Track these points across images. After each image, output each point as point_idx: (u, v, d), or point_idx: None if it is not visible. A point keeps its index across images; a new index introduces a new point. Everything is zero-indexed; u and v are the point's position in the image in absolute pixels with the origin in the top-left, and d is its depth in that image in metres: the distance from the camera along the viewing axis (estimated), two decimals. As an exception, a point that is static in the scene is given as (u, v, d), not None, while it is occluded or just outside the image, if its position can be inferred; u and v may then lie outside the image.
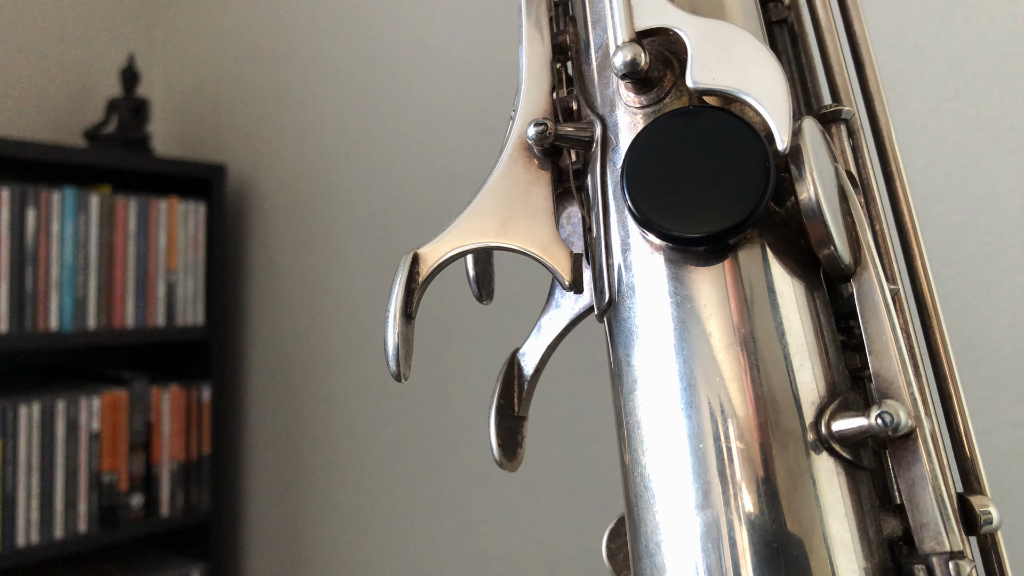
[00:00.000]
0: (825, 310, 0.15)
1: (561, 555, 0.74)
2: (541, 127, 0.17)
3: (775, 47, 0.19)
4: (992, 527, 0.15)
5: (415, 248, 0.17)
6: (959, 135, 0.51)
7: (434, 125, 0.86)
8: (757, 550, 0.13)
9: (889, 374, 0.14)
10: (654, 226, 0.15)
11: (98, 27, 1.26)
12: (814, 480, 0.13)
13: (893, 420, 0.13)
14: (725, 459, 0.14)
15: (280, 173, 1.07)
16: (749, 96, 0.15)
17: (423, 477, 0.86)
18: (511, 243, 0.17)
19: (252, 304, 1.11)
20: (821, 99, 0.19)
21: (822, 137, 0.15)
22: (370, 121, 0.94)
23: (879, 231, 0.17)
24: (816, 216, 0.14)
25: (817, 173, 0.14)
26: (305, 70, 1.04)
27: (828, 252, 0.14)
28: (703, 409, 0.14)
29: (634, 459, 0.15)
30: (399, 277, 0.17)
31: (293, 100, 1.06)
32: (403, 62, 0.91)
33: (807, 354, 0.14)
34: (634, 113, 0.16)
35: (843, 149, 0.18)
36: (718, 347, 0.14)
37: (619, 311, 0.16)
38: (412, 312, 0.17)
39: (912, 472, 0.13)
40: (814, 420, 0.14)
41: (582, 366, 0.67)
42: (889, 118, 0.19)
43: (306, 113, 1.04)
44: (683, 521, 0.14)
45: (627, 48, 0.15)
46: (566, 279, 0.17)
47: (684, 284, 0.15)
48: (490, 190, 0.18)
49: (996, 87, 0.50)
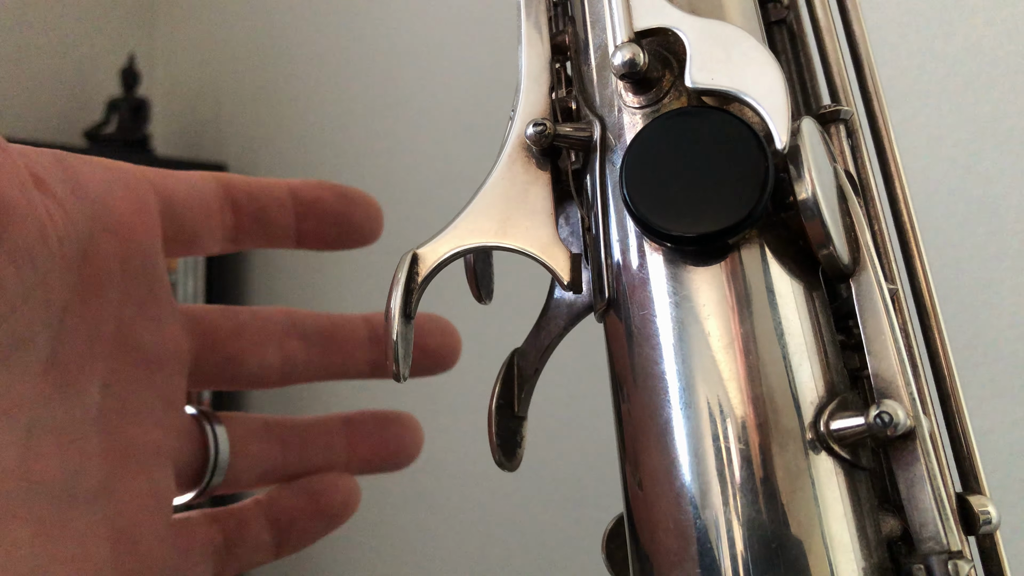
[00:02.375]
0: (824, 310, 0.15)
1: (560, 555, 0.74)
2: (540, 127, 0.17)
3: (774, 47, 0.19)
4: (991, 527, 0.15)
5: (414, 248, 0.18)
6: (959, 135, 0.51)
7: (434, 125, 0.86)
8: (756, 550, 0.13)
9: (888, 374, 0.14)
10: (652, 226, 0.15)
11: (98, 27, 1.27)
12: (813, 480, 0.14)
13: (892, 420, 0.13)
14: (724, 459, 0.14)
15: (280, 173, 1.08)
16: (748, 96, 0.15)
17: (422, 477, 0.86)
18: (510, 243, 0.17)
19: (252, 304, 1.11)
20: (820, 99, 0.19)
21: (821, 137, 0.15)
22: (370, 121, 0.94)
23: (878, 231, 0.17)
24: (815, 216, 0.14)
25: (816, 173, 0.14)
26: (305, 70, 1.04)
27: (827, 252, 0.14)
28: (702, 409, 0.14)
29: (632, 459, 0.15)
30: (398, 277, 0.17)
31: (293, 100, 1.06)
32: (403, 62, 0.91)
33: (806, 354, 0.14)
34: (633, 113, 0.16)
35: (842, 149, 0.18)
36: (717, 347, 0.14)
37: (618, 311, 0.16)
38: (411, 312, 0.17)
39: (911, 472, 0.13)
40: (813, 420, 0.14)
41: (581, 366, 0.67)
42: (888, 118, 0.19)
43: (306, 113, 1.04)
44: (682, 521, 0.14)
45: (626, 48, 0.15)
46: (565, 279, 0.17)
47: (683, 284, 0.15)
48: (489, 190, 0.18)
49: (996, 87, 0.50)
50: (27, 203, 0.18)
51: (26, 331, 0.19)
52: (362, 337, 0.26)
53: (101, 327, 0.21)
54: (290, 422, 0.26)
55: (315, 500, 0.26)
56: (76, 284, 0.20)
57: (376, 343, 0.26)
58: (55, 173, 0.20)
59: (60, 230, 0.19)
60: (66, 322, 0.20)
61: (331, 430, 0.26)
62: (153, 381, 0.22)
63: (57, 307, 0.19)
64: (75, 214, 0.20)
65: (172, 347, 0.23)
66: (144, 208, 0.22)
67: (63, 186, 0.20)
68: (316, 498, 0.26)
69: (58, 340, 0.20)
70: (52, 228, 0.19)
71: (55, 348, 0.19)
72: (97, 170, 0.21)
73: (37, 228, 0.18)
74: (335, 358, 0.26)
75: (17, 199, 0.18)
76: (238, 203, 0.24)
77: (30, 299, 0.19)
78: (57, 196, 0.19)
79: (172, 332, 0.23)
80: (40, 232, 0.18)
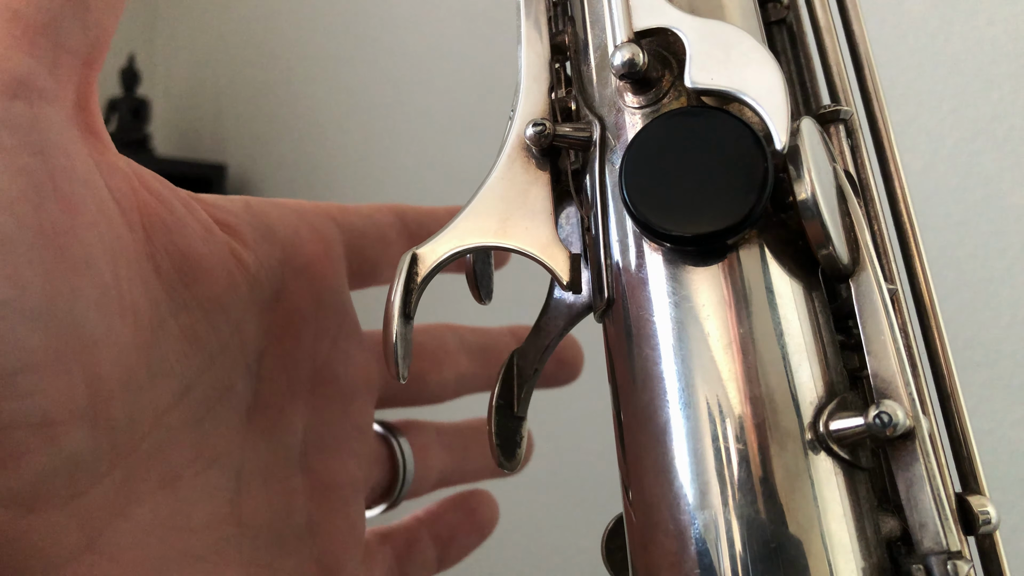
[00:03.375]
0: (823, 310, 0.15)
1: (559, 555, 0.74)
2: (539, 127, 0.17)
3: (774, 47, 0.19)
4: (991, 527, 0.15)
5: (413, 248, 0.18)
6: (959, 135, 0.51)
7: (434, 125, 0.86)
8: (755, 550, 0.13)
9: (887, 374, 0.14)
10: (652, 226, 0.15)
11: (98, 27, 1.26)
12: (812, 480, 0.13)
13: (891, 420, 0.13)
14: (723, 459, 0.14)
15: (280, 173, 1.08)
16: (747, 96, 0.15)
17: (423, 477, 0.86)
18: (509, 243, 0.17)
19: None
20: (820, 99, 0.19)
21: (821, 137, 0.15)
22: (370, 121, 0.94)
23: (878, 231, 0.17)
24: (814, 216, 0.14)
25: (815, 173, 0.14)
26: (305, 70, 1.04)
27: (826, 252, 0.14)
28: (701, 409, 0.14)
29: (631, 459, 0.15)
30: (398, 277, 0.17)
31: (293, 100, 1.06)
32: (403, 62, 0.91)
33: (805, 354, 0.14)
34: (632, 113, 0.16)
35: (842, 149, 0.18)
36: (716, 347, 0.14)
37: (617, 311, 0.16)
38: (411, 312, 0.17)
39: (910, 472, 0.13)
40: (812, 420, 0.14)
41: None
42: (888, 118, 0.19)
43: (306, 113, 1.04)
44: (681, 521, 0.14)
45: (625, 48, 0.15)
46: (564, 279, 0.17)
47: (682, 284, 0.15)
48: (488, 190, 0.18)
49: (996, 87, 0.50)
50: (214, 254, 0.19)
51: (227, 380, 0.19)
52: None
53: (298, 367, 0.21)
54: (452, 428, 0.27)
55: (472, 514, 0.26)
56: (271, 327, 0.20)
57: None
58: (245, 219, 0.20)
59: (252, 276, 0.20)
60: (264, 366, 0.20)
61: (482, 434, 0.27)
62: (348, 413, 0.22)
63: (254, 352, 0.20)
64: (266, 258, 0.20)
65: (364, 376, 0.23)
66: (330, 246, 0.22)
67: (253, 232, 0.20)
68: (472, 513, 0.26)
69: (258, 384, 0.20)
70: (243, 276, 0.19)
71: (256, 393, 0.20)
72: (285, 213, 0.22)
73: (226, 277, 0.19)
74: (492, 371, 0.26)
75: (202, 251, 0.18)
76: (413, 232, 0.25)
77: (227, 349, 0.19)
78: (247, 242, 0.20)
79: (363, 361, 0.23)
80: (230, 281, 0.19)
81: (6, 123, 0.15)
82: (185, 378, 0.18)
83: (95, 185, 0.17)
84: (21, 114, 0.15)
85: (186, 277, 0.18)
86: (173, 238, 0.18)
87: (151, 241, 0.18)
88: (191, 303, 0.18)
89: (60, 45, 0.17)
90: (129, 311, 0.17)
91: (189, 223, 0.19)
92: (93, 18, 0.17)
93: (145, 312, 0.17)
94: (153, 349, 0.17)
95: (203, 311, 0.18)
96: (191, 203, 0.19)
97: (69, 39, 0.17)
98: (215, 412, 0.19)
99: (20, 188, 0.15)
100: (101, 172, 0.17)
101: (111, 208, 0.17)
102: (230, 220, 0.20)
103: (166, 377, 0.18)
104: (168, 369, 0.18)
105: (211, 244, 0.19)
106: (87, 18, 0.17)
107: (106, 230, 0.16)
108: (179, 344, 0.18)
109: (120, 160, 0.18)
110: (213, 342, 0.19)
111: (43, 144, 0.16)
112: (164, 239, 0.18)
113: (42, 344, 0.15)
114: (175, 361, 0.18)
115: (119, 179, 0.18)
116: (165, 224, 0.18)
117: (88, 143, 0.17)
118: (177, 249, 0.18)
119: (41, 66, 0.16)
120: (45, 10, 0.16)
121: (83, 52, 0.17)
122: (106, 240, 0.16)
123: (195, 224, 0.19)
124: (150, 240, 0.18)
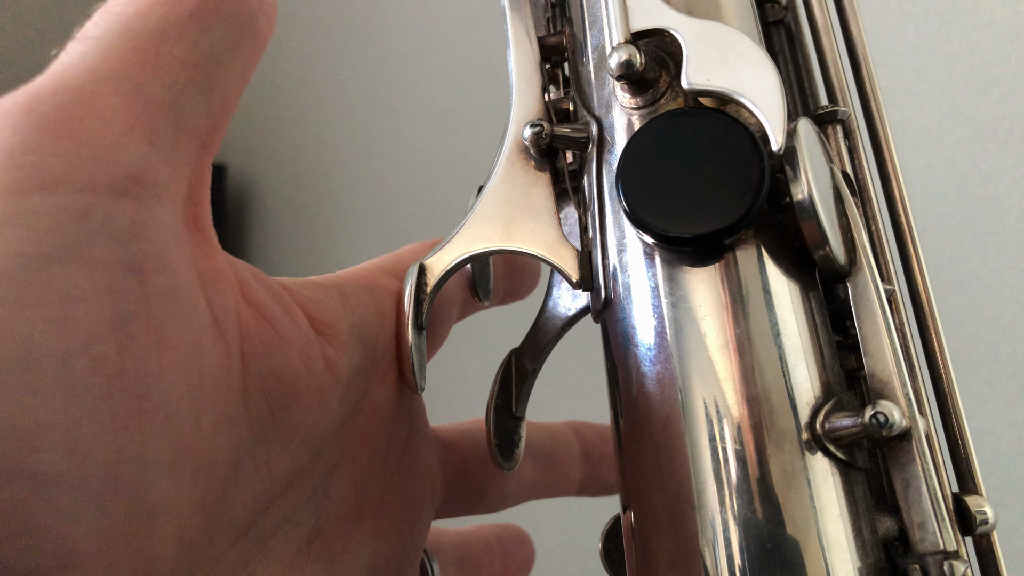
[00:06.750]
0: (820, 311, 0.15)
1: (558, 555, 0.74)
2: (537, 128, 0.17)
3: (771, 48, 0.19)
4: (988, 527, 0.15)
5: (421, 259, 0.18)
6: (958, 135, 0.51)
7: (434, 125, 0.86)
8: (752, 550, 0.13)
9: (884, 374, 0.14)
10: (649, 227, 0.15)
11: (98, 27, 1.26)
12: (809, 480, 0.14)
13: (887, 420, 0.13)
14: (720, 459, 0.14)
15: (280, 173, 1.08)
16: (744, 97, 0.15)
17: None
18: (516, 245, 0.17)
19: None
20: (818, 100, 0.19)
21: (818, 138, 0.15)
22: (370, 121, 0.94)
23: (875, 232, 0.17)
24: (811, 217, 0.14)
25: (812, 174, 0.14)
26: (305, 70, 1.04)
27: (823, 253, 0.14)
28: (698, 410, 0.14)
29: (629, 459, 0.16)
30: (407, 289, 0.17)
31: (293, 100, 1.06)
32: (403, 62, 0.91)
33: (802, 354, 0.14)
34: (630, 114, 0.16)
35: (839, 150, 0.18)
36: (713, 348, 0.14)
37: (615, 312, 0.16)
38: (423, 323, 0.17)
39: (907, 472, 0.13)
40: (809, 420, 0.14)
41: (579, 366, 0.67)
42: (886, 119, 0.19)
43: (306, 113, 1.04)
44: (678, 521, 0.14)
45: (623, 49, 0.15)
46: (574, 276, 0.17)
47: (679, 285, 0.15)
48: (490, 194, 0.18)
49: (996, 87, 0.50)
50: (309, 370, 0.16)
51: (289, 512, 0.16)
52: (576, 454, 0.24)
53: (368, 484, 0.18)
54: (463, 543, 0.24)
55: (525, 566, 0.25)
56: (348, 439, 0.17)
57: (587, 461, 0.24)
58: (341, 315, 0.17)
59: (343, 386, 0.17)
60: (332, 490, 0.17)
61: (491, 547, 0.25)
62: (412, 535, 0.19)
63: (324, 476, 0.17)
64: (359, 360, 0.17)
65: (428, 487, 0.20)
66: (401, 331, 0.18)
67: (349, 331, 0.17)
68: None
69: (322, 511, 0.17)
70: (333, 390, 0.16)
71: (319, 520, 0.17)
72: (362, 296, 0.18)
73: (318, 398, 0.16)
74: (555, 478, 0.24)
75: (298, 369, 0.15)
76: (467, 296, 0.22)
77: (300, 478, 0.16)
78: (343, 343, 0.17)
79: (428, 464, 0.20)
80: (320, 400, 0.16)
81: (104, 231, 0.13)
82: (246, 524, 0.15)
83: (195, 308, 0.14)
84: (124, 218, 0.13)
85: (275, 406, 0.15)
86: (271, 361, 0.15)
87: (246, 369, 0.15)
88: (273, 435, 0.15)
89: (181, 126, 0.14)
90: (204, 470, 0.14)
91: (289, 335, 0.16)
92: (219, 92, 0.15)
93: (223, 465, 0.14)
94: (221, 505, 0.14)
95: (284, 444, 0.15)
96: (290, 305, 0.16)
97: (191, 118, 0.14)
98: (267, 549, 0.16)
99: (104, 319, 0.12)
100: (204, 287, 0.14)
101: (207, 338, 0.14)
102: (326, 317, 0.17)
103: (226, 531, 0.14)
104: (230, 521, 0.14)
105: (307, 357, 0.16)
106: (212, 93, 0.15)
107: (197, 368, 0.14)
108: (251, 487, 0.15)
109: (223, 262, 0.15)
110: (287, 475, 0.16)
111: (142, 258, 0.13)
112: (261, 363, 0.15)
113: (92, 531, 0.12)
114: (240, 508, 0.15)
115: (222, 293, 0.15)
116: (264, 344, 0.15)
117: (194, 245, 0.15)
118: (272, 373, 0.15)
119: (159, 157, 0.14)
120: (170, 85, 0.14)
121: (203, 134, 0.15)
122: (195, 381, 0.13)
123: (294, 334, 0.16)
124: (246, 368, 0.15)
